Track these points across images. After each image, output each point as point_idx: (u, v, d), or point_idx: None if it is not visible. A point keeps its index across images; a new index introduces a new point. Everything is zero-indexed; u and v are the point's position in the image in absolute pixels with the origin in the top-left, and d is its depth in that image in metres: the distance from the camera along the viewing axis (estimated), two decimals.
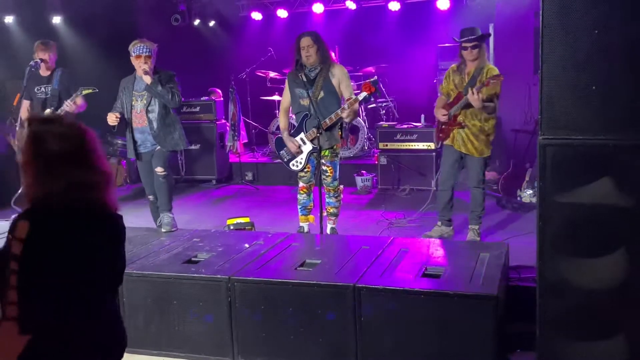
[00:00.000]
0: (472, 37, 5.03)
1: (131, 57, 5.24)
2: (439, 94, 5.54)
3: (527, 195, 6.46)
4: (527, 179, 6.55)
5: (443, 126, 5.35)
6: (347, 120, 5.11)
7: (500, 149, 7.99)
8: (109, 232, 2.20)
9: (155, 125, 5.23)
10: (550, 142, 2.98)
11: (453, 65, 5.35)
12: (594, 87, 2.89)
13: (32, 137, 2.05)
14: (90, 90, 5.73)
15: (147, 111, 5.23)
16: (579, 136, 2.94)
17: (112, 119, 5.21)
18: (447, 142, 5.36)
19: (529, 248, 3.69)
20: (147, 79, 5.13)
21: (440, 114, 5.29)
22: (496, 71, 5.06)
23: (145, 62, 5.15)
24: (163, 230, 5.09)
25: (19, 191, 6.37)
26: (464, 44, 5.08)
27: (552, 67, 2.94)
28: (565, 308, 3.06)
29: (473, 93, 4.89)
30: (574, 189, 2.99)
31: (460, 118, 5.19)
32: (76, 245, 2.07)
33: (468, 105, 5.06)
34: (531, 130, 7.00)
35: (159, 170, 5.28)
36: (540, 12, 2.93)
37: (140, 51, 5.18)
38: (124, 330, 2.31)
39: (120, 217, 2.25)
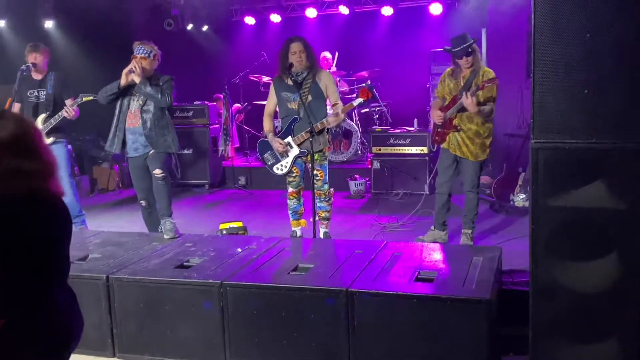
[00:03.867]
0: (461, 48, 4.98)
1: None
2: (431, 99, 5.56)
3: (520, 199, 6.47)
4: (520, 183, 6.56)
5: (439, 129, 5.35)
6: (333, 125, 5.10)
7: (493, 153, 8.01)
8: (53, 221, 2.23)
9: (149, 125, 5.16)
10: (543, 146, 2.99)
11: (448, 69, 5.34)
12: (586, 91, 2.90)
13: None
14: (90, 98, 5.71)
15: (142, 111, 5.16)
16: (571, 140, 2.95)
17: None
18: (443, 145, 5.37)
19: (521, 252, 3.69)
20: (136, 78, 5.09)
21: (436, 116, 5.30)
22: (492, 74, 5.06)
23: (138, 63, 5.12)
24: (166, 237, 4.96)
25: None
26: (453, 53, 5.08)
27: (544, 71, 2.95)
28: (558, 311, 3.06)
29: (467, 97, 4.89)
30: (566, 192, 3.00)
31: (455, 121, 5.19)
32: (19, 232, 2.11)
33: (463, 109, 5.06)
34: (524, 134, 7.02)
35: (158, 172, 5.19)
36: (532, 15, 2.94)
37: (137, 52, 5.17)
38: (74, 322, 2.32)
39: (64, 205, 2.28)
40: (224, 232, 5.54)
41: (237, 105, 9.43)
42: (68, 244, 2.31)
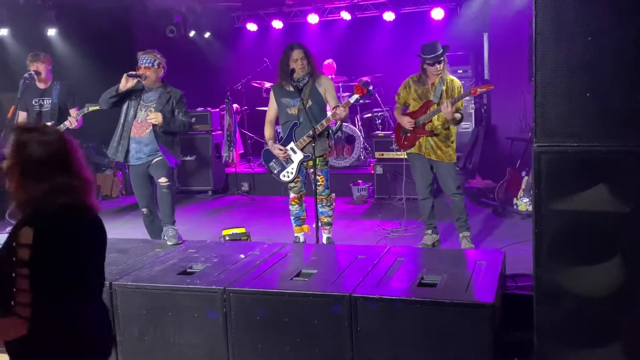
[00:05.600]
0: (439, 54, 5.14)
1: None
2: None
3: (524, 203, 6.46)
4: (523, 187, 6.54)
5: (408, 134, 5.39)
6: (335, 119, 5.08)
7: (497, 157, 8.01)
8: (97, 234, 2.35)
9: (162, 137, 5.19)
10: (545, 150, 2.98)
11: (413, 75, 5.44)
12: (587, 94, 2.90)
13: (15, 144, 2.18)
14: (96, 108, 5.72)
15: (154, 124, 5.17)
16: (574, 143, 2.95)
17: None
18: (412, 150, 5.41)
19: (525, 256, 3.67)
20: (157, 122, 5.12)
21: (407, 122, 5.33)
22: (458, 83, 5.28)
23: (143, 73, 5.14)
24: (169, 243, 4.96)
25: None
26: (429, 60, 5.16)
27: (546, 74, 2.95)
28: (562, 316, 3.05)
29: (448, 106, 4.99)
30: (569, 196, 2.99)
31: (429, 126, 5.28)
32: (74, 247, 2.20)
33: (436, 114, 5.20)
34: (527, 138, 7.01)
35: (163, 180, 5.19)
36: (533, 19, 2.94)
37: (141, 62, 5.18)
38: (111, 330, 2.42)
39: (101, 220, 2.39)
40: (227, 238, 5.53)
41: (236, 105, 9.45)
42: (103, 259, 2.40)
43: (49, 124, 5.90)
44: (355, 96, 5.09)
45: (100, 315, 2.36)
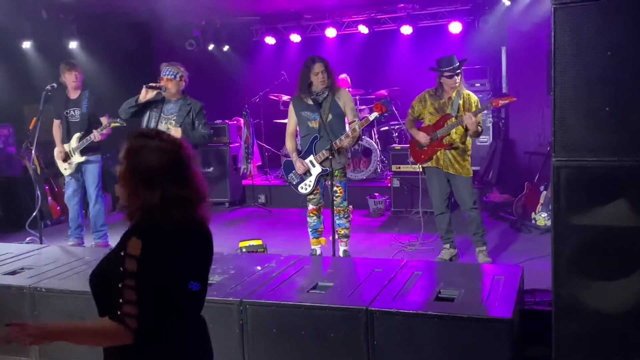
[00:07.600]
0: (456, 66, 5.16)
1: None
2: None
3: (542, 218, 6.41)
4: (541, 201, 6.50)
5: (424, 147, 5.39)
6: (346, 145, 5.14)
7: (514, 171, 7.96)
8: (205, 250, 2.25)
9: None
10: (564, 164, 2.97)
11: (428, 89, 5.43)
12: (607, 109, 2.88)
13: (128, 151, 2.12)
14: (117, 124, 5.79)
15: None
16: (593, 158, 2.93)
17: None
18: (430, 164, 5.38)
19: (544, 271, 3.65)
20: (178, 135, 5.15)
21: (422, 137, 5.32)
22: (475, 97, 5.28)
23: (165, 84, 5.19)
24: None
25: (33, 214, 6.41)
26: (447, 73, 5.16)
27: (565, 88, 2.94)
28: (581, 331, 3.02)
29: (471, 117, 4.99)
30: (588, 211, 2.97)
31: (447, 140, 5.26)
32: (182, 262, 2.12)
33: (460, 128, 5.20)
34: (545, 152, 6.97)
35: None
36: (552, 33, 2.94)
37: (163, 74, 5.23)
38: (206, 348, 2.35)
39: (211, 234, 2.30)
40: (244, 250, 5.55)
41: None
42: (207, 275, 2.30)
43: (78, 134, 5.99)
44: (375, 114, 5.13)
45: (200, 331, 2.30)
